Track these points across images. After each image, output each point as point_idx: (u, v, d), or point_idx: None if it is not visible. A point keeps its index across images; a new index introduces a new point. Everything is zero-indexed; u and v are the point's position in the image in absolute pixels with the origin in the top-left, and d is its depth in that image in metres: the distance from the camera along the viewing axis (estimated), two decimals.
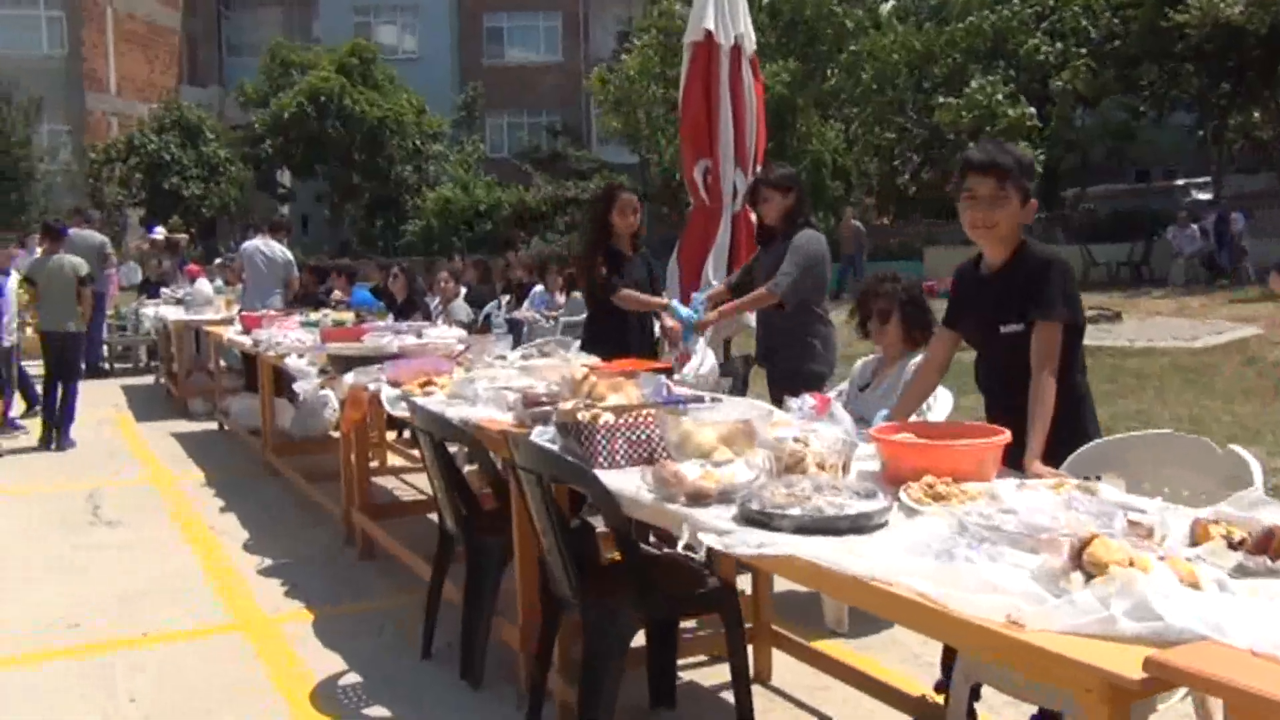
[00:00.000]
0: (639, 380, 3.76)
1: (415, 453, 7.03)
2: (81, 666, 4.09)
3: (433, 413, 3.80)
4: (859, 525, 2.35)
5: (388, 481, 7.03)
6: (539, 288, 13.84)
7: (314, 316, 8.16)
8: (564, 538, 3.08)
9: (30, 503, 6.76)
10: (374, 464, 6.87)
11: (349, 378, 5.04)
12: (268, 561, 5.40)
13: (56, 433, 8.50)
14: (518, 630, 3.62)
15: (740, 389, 5.11)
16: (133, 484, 7.27)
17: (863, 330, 4.49)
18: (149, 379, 12.99)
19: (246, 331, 8.06)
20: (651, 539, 3.88)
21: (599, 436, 3.06)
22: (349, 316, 8.09)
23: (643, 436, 3.11)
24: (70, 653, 4.22)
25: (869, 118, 24.84)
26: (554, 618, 3.36)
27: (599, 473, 2.95)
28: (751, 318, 5.74)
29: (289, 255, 10.43)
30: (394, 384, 4.60)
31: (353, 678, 3.93)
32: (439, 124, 29.86)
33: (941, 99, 22.92)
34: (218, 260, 15.37)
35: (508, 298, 12.65)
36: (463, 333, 6.30)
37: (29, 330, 12.28)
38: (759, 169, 5.81)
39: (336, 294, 11.54)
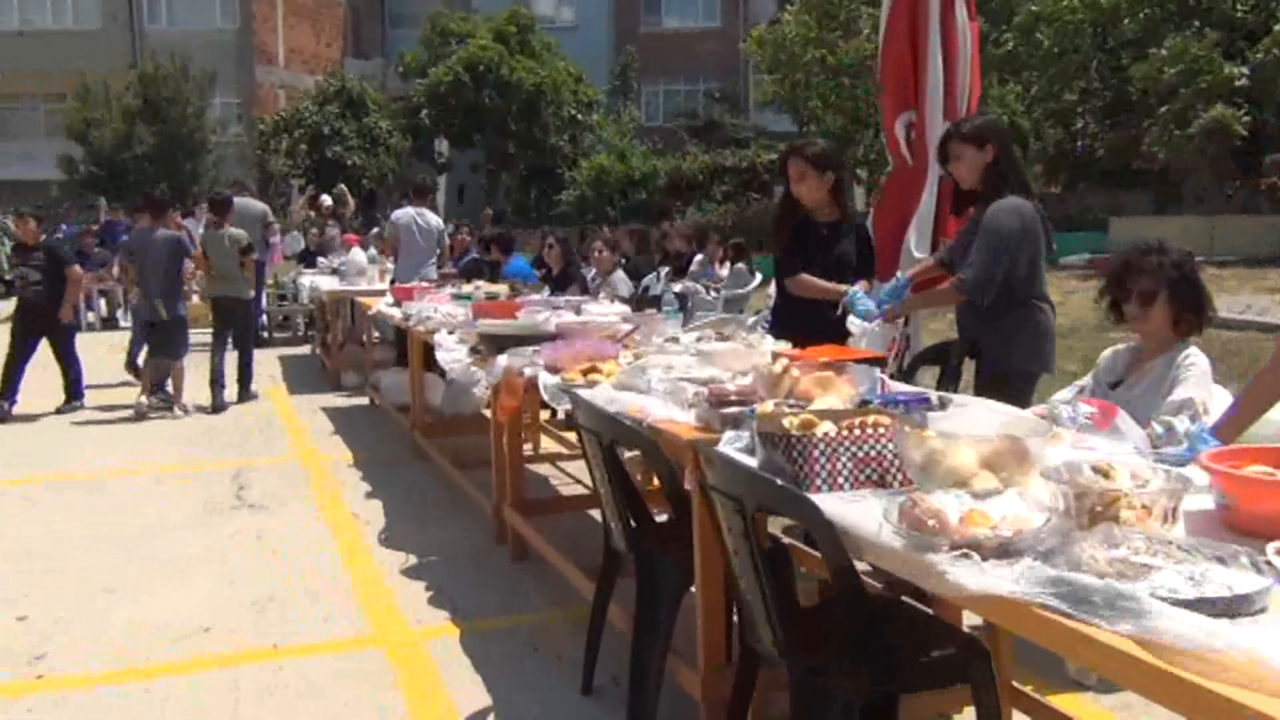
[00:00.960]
0: (850, 374, 3.05)
1: (572, 436, 6.50)
2: (206, 680, 3.64)
3: (602, 411, 3.17)
4: (1234, 610, 1.60)
5: (543, 469, 6.50)
6: (699, 257, 13.19)
7: (466, 289, 7.70)
8: (770, 582, 2.41)
9: (180, 482, 6.48)
10: (527, 448, 6.35)
11: (502, 360, 4.48)
12: (412, 559, 4.91)
13: (214, 391, 8.81)
14: (699, 678, 2.97)
15: (952, 384, 4.31)
16: (280, 462, 6.95)
17: (1115, 314, 3.65)
18: (306, 349, 12.92)
19: (398, 304, 7.65)
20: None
21: (816, 453, 2.36)
22: (502, 289, 7.59)
23: (872, 453, 2.40)
24: (194, 666, 3.78)
25: (1049, 80, 23.18)
26: (752, 672, 2.70)
27: (818, 498, 2.26)
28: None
29: (440, 224, 10.03)
30: (552, 369, 4.01)
31: (502, 715, 3.37)
32: (595, 93, 29.42)
33: (1132, 58, 21.16)
34: (374, 230, 15.22)
35: (666, 269, 12.02)
36: (625, 309, 5.69)
37: (194, 299, 12.36)
38: None
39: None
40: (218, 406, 8.72)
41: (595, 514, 5.37)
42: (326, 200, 15.58)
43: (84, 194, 26.81)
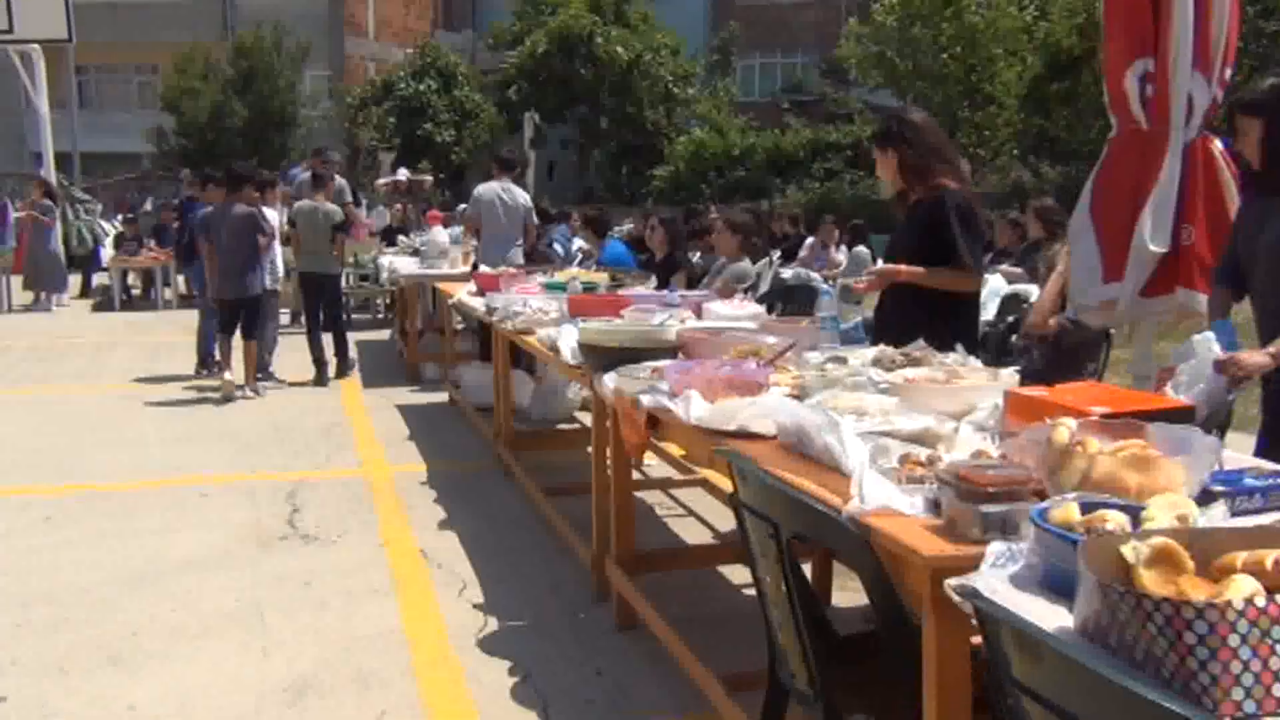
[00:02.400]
0: (1169, 441, 1.93)
1: (676, 451, 5.46)
2: None
3: (782, 489, 2.08)
4: None
5: (649, 496, 5.45)
6: (810, 241, 12.02)
7: (560, 277, 6.67)
8: (807, 618, 1.58)
9: (226, 498, 5.58)
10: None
11: (610, 381, 3.43)
12: (491, 624, 3.90)
13: (325, 368, 8.87)
14: None
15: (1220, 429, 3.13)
16: (342, 475, 6.01)
17: None
18: (385, 334, 12.08)
19: (481, 292, 6.67)
20: None
21: (1234, 642, 1.27)
22: (601, 278, 6.55)
23: None
24: None
25: None
26: (779, 710, 1.65)
27: None
28: (1199, 300, 3.76)
29: (529, 201, 8.99)
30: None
31: None
32: (692, 67, 28.19)
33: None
34: (461, 207, 14.30)
35: (777, 254, 10.89)
36: (758, 308, 4.60)
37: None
38: (1226, 74, 3.77)
39: (580, 244, 10.13)
40: (321, 381, 8.77)
41: (726, 571, 4.34)
42: (404, 174, 14.72)
43: (171, 168, 26.52)
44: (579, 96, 27.12)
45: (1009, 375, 2.78)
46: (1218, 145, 3.76)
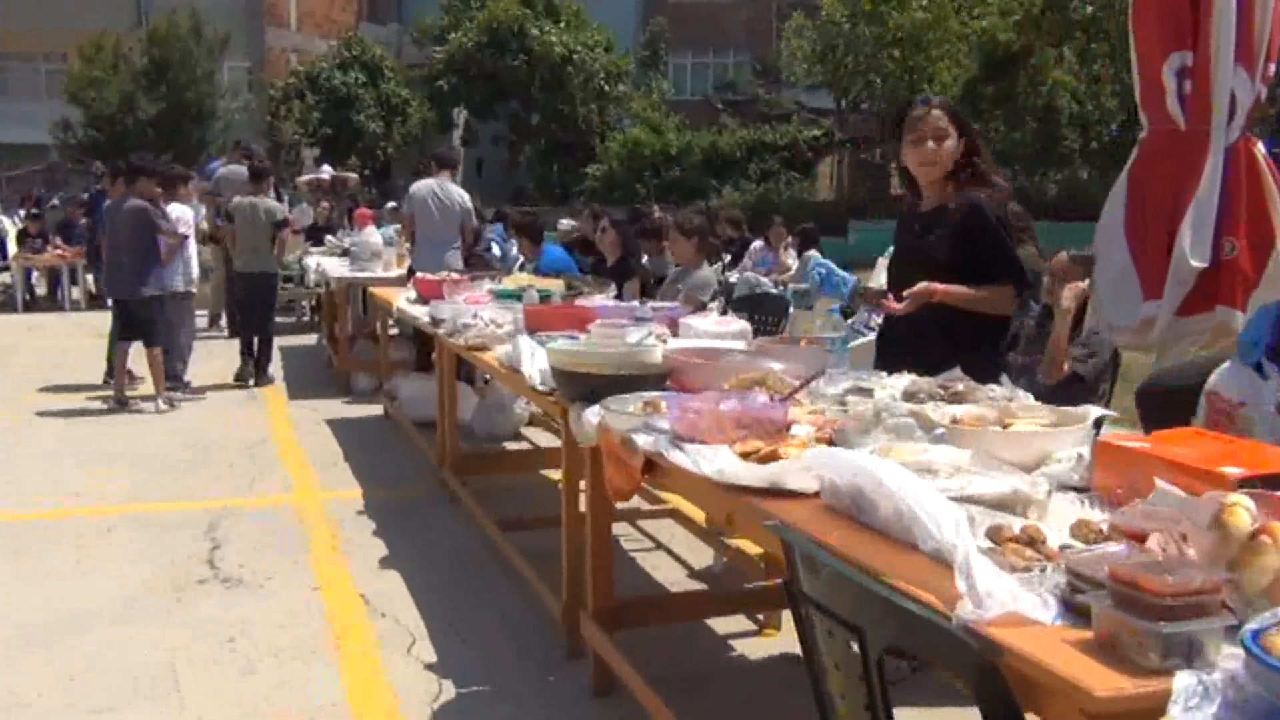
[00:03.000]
0: None
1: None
2: None
3: (870, 587, 1.59)
4: None
5: (619, 529, 4.95)
6: (757, 244, 11.63)
7: (510, 284, 6.15)
8: None
9: (137, 532, 4.96)
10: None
11: (592, 415, 2.95)
12: (446, 687, 3.39)
13: (256, 372, 8.61)
14: None
15: None
16: (270, 504, 5.42)
17: None
18: (312, 338, 11.40)
19: (423, 300, 6.12)
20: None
21: None
22: (555, 285, 6.04)
23: None
24: None
25: (1113, 51, 21.38)
26: None
27: None
28: (1238, 319, 3.40)
29: (467, 200, 8.41)
30: (687, 441, 2.48)
31: None
32: (624, 63, 27.70)
33: None
34: (389, 205, 13.62)
35: (727, 257, 10.48)
36: (743, 325, 4.13)
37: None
38: (1270, 69, 3.40)
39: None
40: (243, 377, 8.52)
41: (714, 624, 3.87)
42: (328, 170, 14.00)
43: (82, 160, 25.25)
44: (509, 92, 26.48)
45: (1084, 415, 2.34)
46: (1261, 148, 3.39)
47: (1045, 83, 22.10)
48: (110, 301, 7.89)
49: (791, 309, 5.80)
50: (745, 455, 2.33)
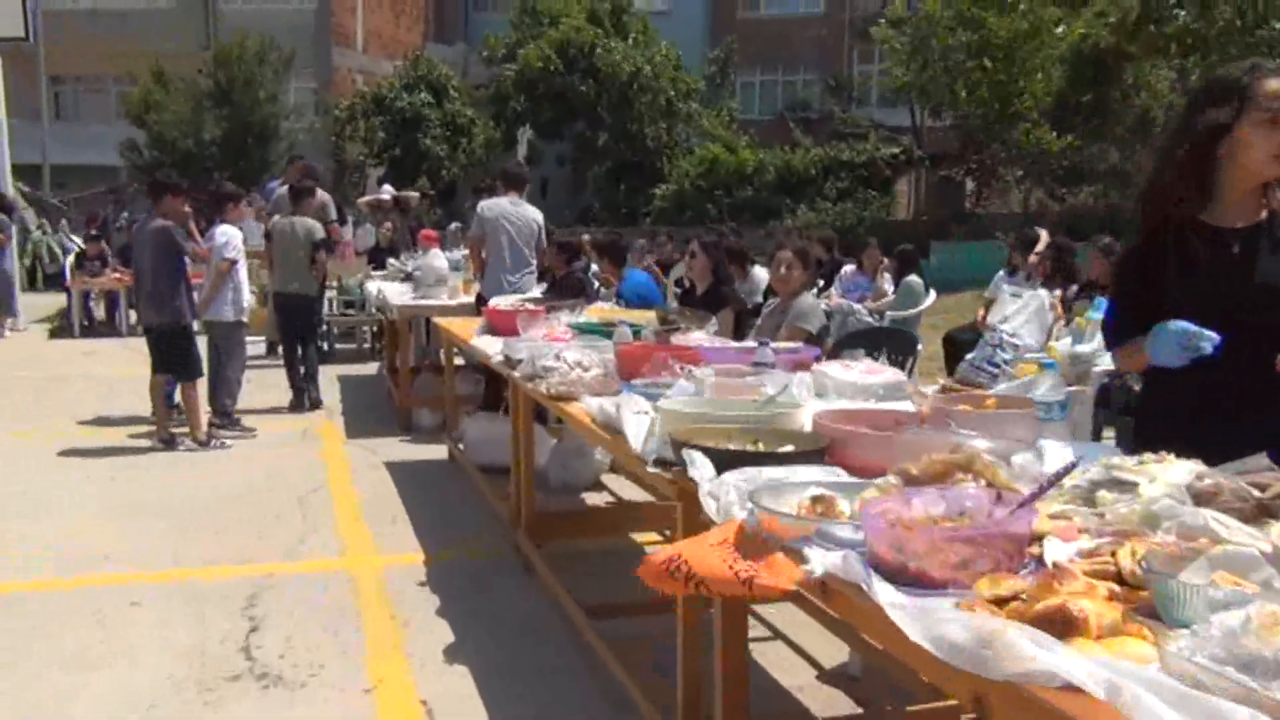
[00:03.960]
0: None
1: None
2: None
3: None
4: None
5: None
6: (849, 267, 10.80)
7: (590, 316, 5.43)
8: None
9: (169, 608, 4.29)
10: None
11: (730, 495, 2.18)
12: None
13: (303, 395, 8.30)
14: None
15: None
16: (319, 569, 4.72)
17: None
18: (373, 367, 10.79)
19: (495, 332, 5.42)
20: None
21: None
22: (645, 317, 5.30)
23: None
24: None
25: (1218, 62, 20.25)
26: None
27: None
28: None
29: (541, 219, 7.70)
30: (894, 568, 1.70)
31: None
32: (695, 82, 27.00)
33: None
34: (454, 225, 12.98)
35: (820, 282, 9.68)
36: (896, 376, 3.31)
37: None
38: None
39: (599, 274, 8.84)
40: (297, 406, 8.24)
41: None
42: (388, 190, 13.41)
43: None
44: (576, 111, 25.91)
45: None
46: None
47: (1140, 95, 21.00)
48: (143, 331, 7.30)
49: (920, 346, 4.98)
50: (1000, 602, 1.55)
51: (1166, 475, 2.02)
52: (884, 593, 1.65)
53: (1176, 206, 2.59)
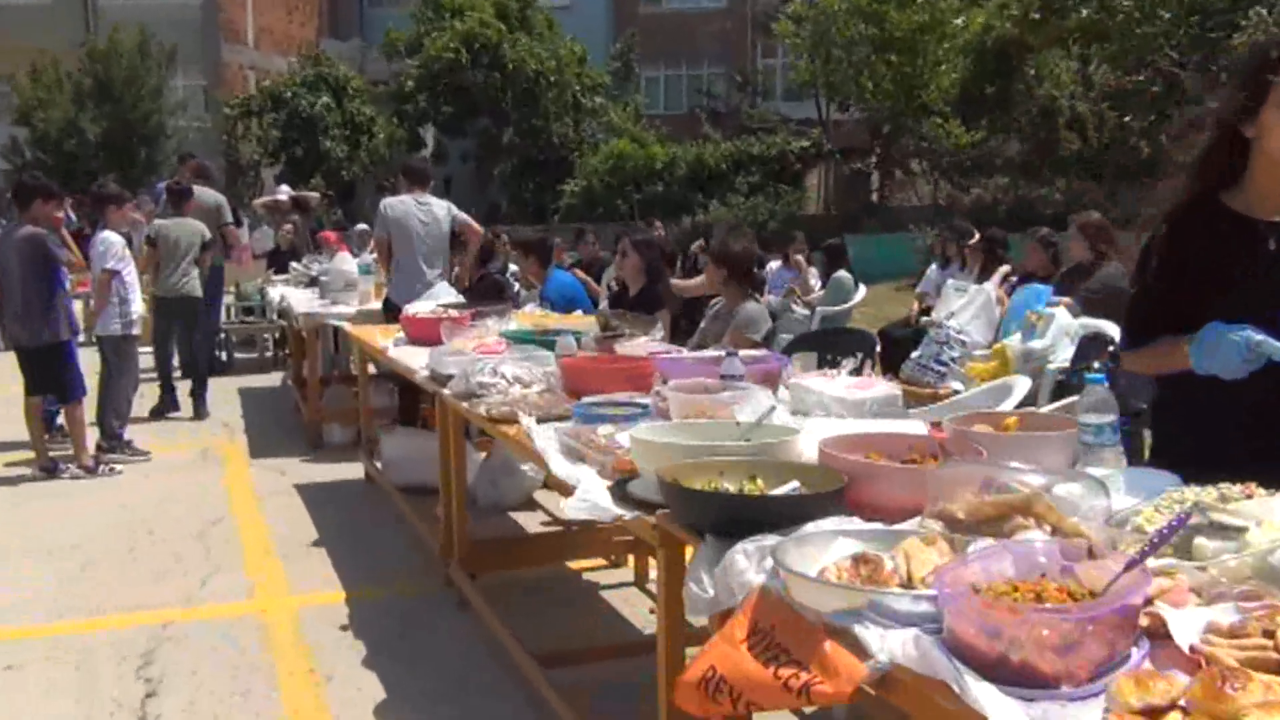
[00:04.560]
0: None
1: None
2: None
3: None
4: None
5: None
6: (774, 263, 10.52)
7: (522, 321, 5.00)
8: None
9: (52, 671, 3.74)
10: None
11: (743, 564, 1.79)
12: None
13: (173, 396, 8.22)
14: None
15: None
16: (225, 615, 4.21)
17: None
18: (276, 377, 10.14)
19: (415, 343, 4.96)
20: None
21: None
22: (584, 323, 4.89)
23: None
24: None
25: (1119, 52, 20.50)
26: None
27: None
28: None
29: (455, 212, 7.17)
30: (984, 661, 1.33)
31: None
32: (600, 76, 26.57)
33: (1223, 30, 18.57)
34: (360, 227, 12.33)
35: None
36: (888, 389, 2.92)
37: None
38: None
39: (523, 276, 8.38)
40: (159, 412, 8.03)
41: None
42: (285, 191, 12.73)
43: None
44: (480, 107, 25.27)
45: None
46: None
47: (1043, 85, 21.23)
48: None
49: (877, 348, 4.65)
50: (1153, 714, 1.19)
51: (1272, 515, 1.69)
52: (989, 699, 1.27)
53: (1202, 194, 2.30)
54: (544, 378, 3.65)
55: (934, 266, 8.30)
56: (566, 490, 2.56)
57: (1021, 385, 3.82)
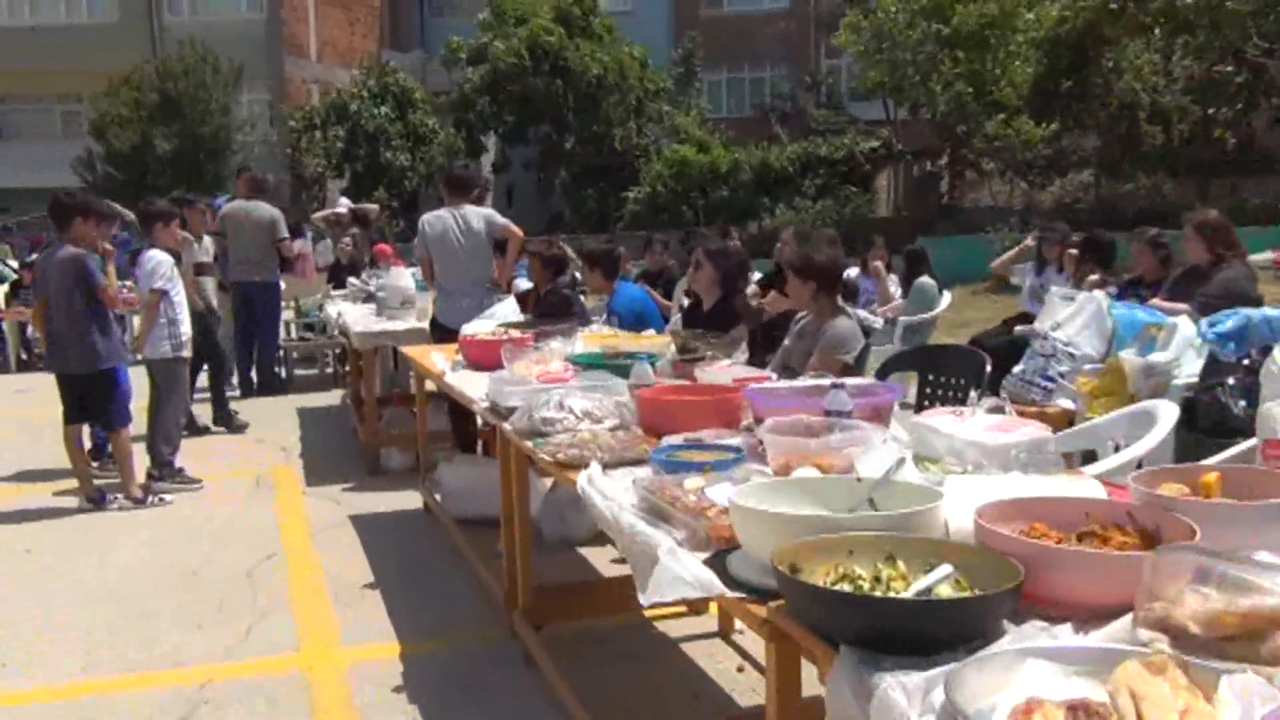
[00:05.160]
0: None
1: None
2: None
3: None
4: None
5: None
6: (852, 271, 9.95)
7: (591, 343, 4.56)
8: None
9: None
10: None
11: (899, 700, 1.33)
12: None
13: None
14: None
15: None
16: (270, 671, 3.82)
17: None
18: (336, 396, 9.85)
19: (474, 365, 4.57)
20: None
21: None
22: (657, 343, 4.45)
23: None
24: None
25: (1204, 43, 19.56)
26: None
27: None
28: None
29: (497, 219, 6.72)
30: None
31: None
32: (662, 80, 26.14)
33: None
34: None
35: None
36: (1038, 433, 2.39)
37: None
38: None
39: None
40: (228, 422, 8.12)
41: None
42: (345, 204, 12.46)
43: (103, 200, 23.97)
44: (542, 115, 24.98)
45: None
46: None
47: (1122, 78, 20.34)
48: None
49: (988, 369, 4.14)
50: None
51: None
52: None
53: None
54: (616, 411, 3.22)
55: (1029, 270, 7.72)
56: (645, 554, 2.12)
57: (1168, 412, 3.30)
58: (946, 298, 8.50)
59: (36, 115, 30.88)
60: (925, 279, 8.49)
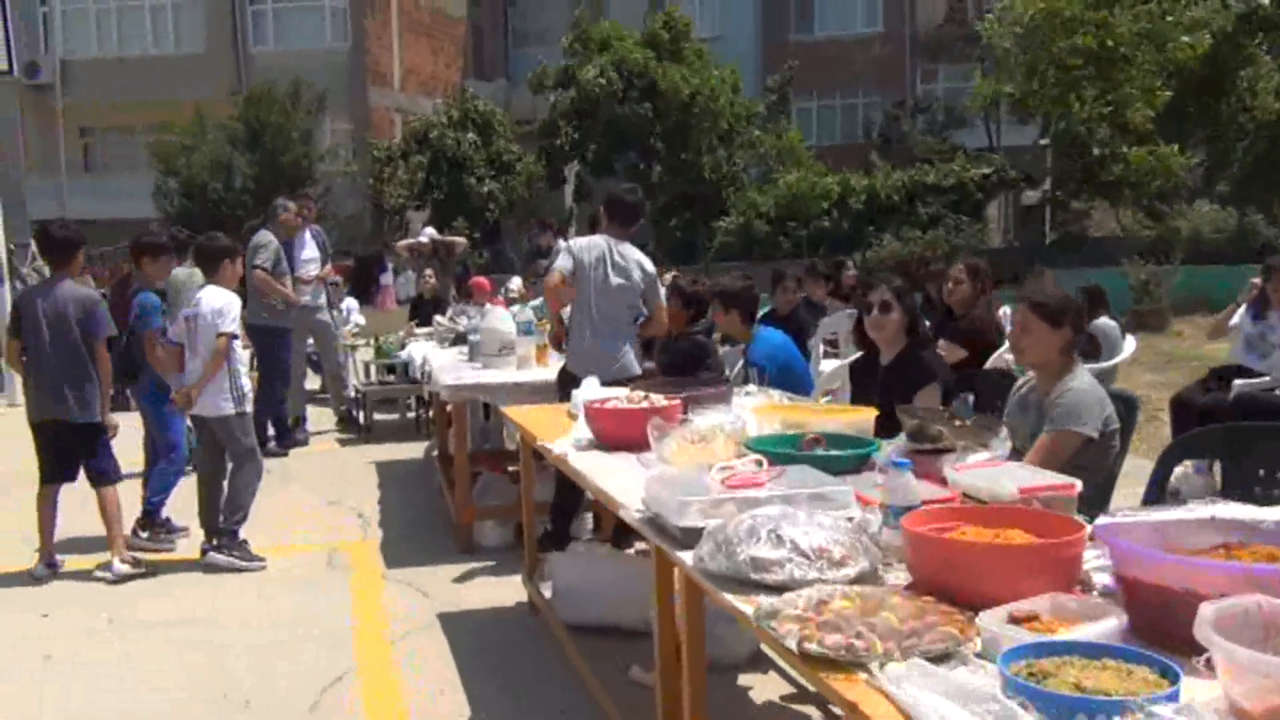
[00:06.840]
0: None
1: None
2: None
3: None
4: None
5: None
6: (1005, 310, 8.69)
7: (771, 417, 3.43)
8: None
9: None
10: None
11: None
12: None
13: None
14: None
15: None
16: None
17: None
18: (419, 449, 8.81)
19: (605, 442, 3.49)
20: None
21: None
22: (856, 419, 3.31)
23: None
24: None
25: None
26: None
27: None
28: None
29: (650, 269, 5.60)
30: None
31: None
32: (754, 105, 25.04)
33: None
34: (513, 283, 10.94)
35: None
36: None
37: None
38: None
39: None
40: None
41: None
42: (428, 234, 11.54)
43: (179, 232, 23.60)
44: (630, 143, 24.03)
45: None
46: None
47: (1256, 99, 18.75)
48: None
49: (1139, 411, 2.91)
50: None
51: None
52: None
53: None
54: (860, 548, 2.09)
55: (1244, 315, 6.43)
56: None
57: None
58: (1131, 342, 7.21)
59: (122, 147, 30.88)
60: (1106, 320, 7.21)
